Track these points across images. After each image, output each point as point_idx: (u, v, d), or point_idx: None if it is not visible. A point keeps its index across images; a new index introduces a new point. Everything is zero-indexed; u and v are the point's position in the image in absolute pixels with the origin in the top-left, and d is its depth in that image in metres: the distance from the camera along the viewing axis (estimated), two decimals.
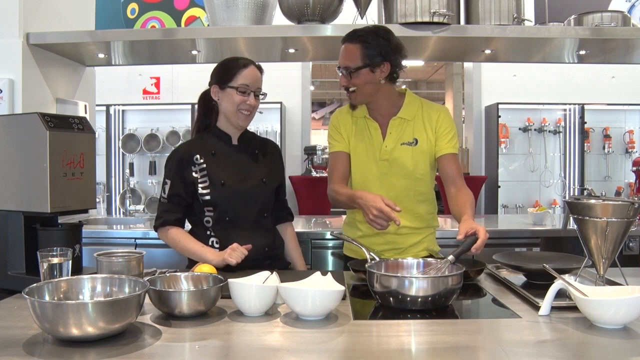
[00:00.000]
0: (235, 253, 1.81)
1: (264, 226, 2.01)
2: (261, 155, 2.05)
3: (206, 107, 2.03)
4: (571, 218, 1.61)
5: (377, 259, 1.67)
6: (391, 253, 2.05)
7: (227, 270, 1.77)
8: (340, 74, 1.97)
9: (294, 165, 6.03)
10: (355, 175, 2.07)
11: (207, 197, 1.91)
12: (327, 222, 3.58)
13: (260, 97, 1.98)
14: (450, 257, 1.57)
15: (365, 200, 1.81)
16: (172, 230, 1.93)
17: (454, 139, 2.03)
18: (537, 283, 1.67)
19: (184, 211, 1.96)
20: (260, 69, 1.99)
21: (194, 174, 1.92)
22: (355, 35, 1.93)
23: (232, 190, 1.93)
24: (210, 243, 1.94)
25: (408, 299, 1.43)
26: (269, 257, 2.00)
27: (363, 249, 1.74)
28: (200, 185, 1.91)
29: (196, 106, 2.12)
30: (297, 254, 2.15)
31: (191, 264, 1.89)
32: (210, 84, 1.99)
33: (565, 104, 5.84)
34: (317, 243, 3.04)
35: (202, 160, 1.93)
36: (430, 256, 2.03)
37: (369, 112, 2.05)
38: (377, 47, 1.90)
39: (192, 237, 1.94)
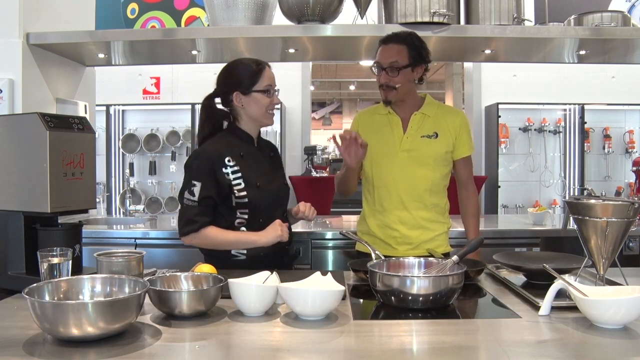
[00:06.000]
0: (285, 228, 1.86)
1: None
2: (275, 158, 2.11)
3: (212, 115, 1.99)
4: (571, 218, 1.61)
5: (383, 257, 1.69)
6: (404, 248, 2.12)
7: (227, 270, 1.77)
8: (380, 72, 2.11)
9: (294, 165, 6.03)
10: (375, 166, 2.19)
11: (245, 200, 1.89)
12: (327, 222, 3.58)
13: (276, 93, 2.01)
14: (455, 258, 1.58)
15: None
16: (208, 230, 1.86)
17: (470, 140, 2.23)
18: (537, 283, 1.67)
19: (214, 214, 1.89)
20: (270, 67, 2.01)
21: (226, 175, 1.87)
22: (401, 37, 2.12)
23: (265, 192, 1.94)
24: None
25: (410, 297, 1.43)
26: (287, 255, 2.06)
27: (369, 247, 1.76)
28: (235, 187, 1.88)
29: (197, 107, 2.10)
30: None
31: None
32: (226, 93, 1.95)
33: (565, 104, 5.83)
34: (317, 243, 3.03)
35: (234, 162, 1.89)
36: (431, 256, 2.04)
37: (392, 108, 2.20)
38: (418, 50, 2.11)
39: (226, 230, 1.90)
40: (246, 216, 1.91)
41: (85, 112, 3.34)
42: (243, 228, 1.92)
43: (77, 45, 2.93)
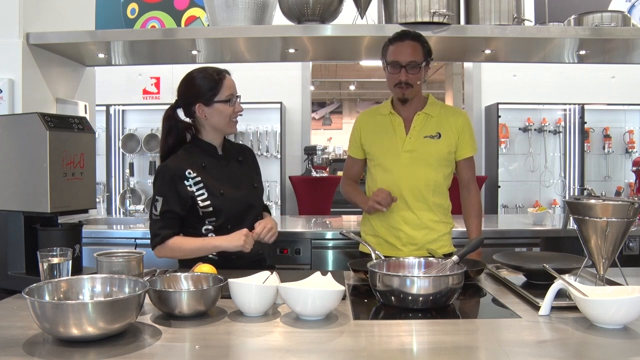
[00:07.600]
0: (250, 240, 1.87)
1: None
2: (244, 162, 2.09)
3: (174, 127, 1.99)
4: (571, 218, 1.61)
5: (382, 257, 1.69)
6: (410, 248, 2.13)
7: (227, 270, 1.77)
8: (398, 70, 2.08)
9: (294, 165, 6.03)
10: (378, 167, 2.19)
11: (210, 209, 1.91)
12: (327, 222, 3.58)
13: (238, 99, 1.99)
14: (455, 258, 1.58)
15: (367, 201, 2.12)
16: (171, 240, 1.89)
17: (473, 141, 2.22)
18: (537, 283, 1.67)
19: (179, 225, 1.93)
20: (229, 73, 2.00)
21: (189, 188, 1.90)
22: (415, 35, 2.13)
23: (230, 198, 1.94)
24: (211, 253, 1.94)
25: (410, 297, 1.43)
26: (263, 259, 2.04)
27: (369, 247, 1.77)
28: (199, 198, 1.90)
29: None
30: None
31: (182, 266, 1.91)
32: (189, 104, 1.96)
33: (565, 104, 5.83)
34: (317, 243, 3.04)
35: (195, 174, 1.91)
36: (431, 256, 2.05)
37: (393, 108, 2.19)
38: (428, 48, 2.14)
39: (191, 237, 1.93)
40: (214, 224, 1.93)
41: (85, 112, 3.34)
42: (211, 234, 1.93)
43: (77, 45, 2.93)
